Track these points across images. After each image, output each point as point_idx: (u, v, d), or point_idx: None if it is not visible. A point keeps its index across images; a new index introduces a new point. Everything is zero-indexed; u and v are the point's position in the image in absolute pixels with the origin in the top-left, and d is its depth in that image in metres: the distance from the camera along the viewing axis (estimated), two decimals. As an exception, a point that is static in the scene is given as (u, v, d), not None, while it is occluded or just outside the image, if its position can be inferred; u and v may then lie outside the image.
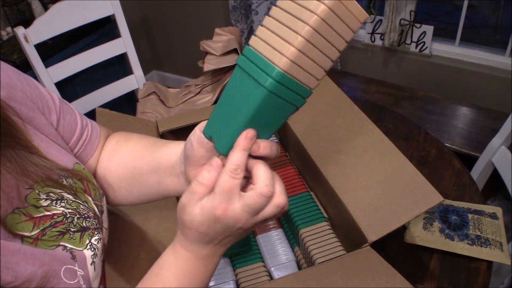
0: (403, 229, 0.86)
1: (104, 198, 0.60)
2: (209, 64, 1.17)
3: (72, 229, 0.50)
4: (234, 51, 1.19)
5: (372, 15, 1.85)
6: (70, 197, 0.52)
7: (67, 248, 0.49)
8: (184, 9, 2.33)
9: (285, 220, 0.83)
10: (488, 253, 0.80)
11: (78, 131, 0.61)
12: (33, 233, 0.46)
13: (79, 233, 0.51)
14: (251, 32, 2.10)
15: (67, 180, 0.53)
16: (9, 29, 1.62)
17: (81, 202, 0.53)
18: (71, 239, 0.50)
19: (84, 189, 0.55)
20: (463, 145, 1.52)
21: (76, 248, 0.50)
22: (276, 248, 0.79)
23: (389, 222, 0.69)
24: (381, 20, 1.84)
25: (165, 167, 0.58)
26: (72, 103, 1.49)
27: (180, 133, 1.00)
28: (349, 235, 0.74)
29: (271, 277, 0.74)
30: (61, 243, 0.48)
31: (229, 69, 1.17)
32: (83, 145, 0.62)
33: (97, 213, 0.56)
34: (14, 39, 1.48)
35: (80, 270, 0.49)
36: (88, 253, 0.51)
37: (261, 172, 0.44)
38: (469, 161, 1.27)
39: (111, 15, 1.49)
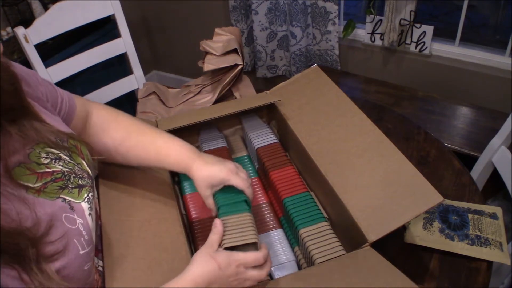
0: (403, 229, 0.86)
1: (93, 168, 0.68)
2: (209, 64, 1.17)
3: (70, 186, 0.58)
4: (234, 51, 1.19)
5: (372, 15, 1.85)
6: (67, 158, 0.60)
7: (66, 200, 0.56)
8: (184, 9, 2.33)
9: (285, 220, 0.83)
10: (488, 253, 0.80)
11: (60, 99, 0.70)
12: (36, 185, 0.53)
13: (77, 189, 0.59)
14: (251, 32, 2.10)
15: (63, 144, 0.61)
16: (9, 29, 1.62)
17: (76, 164, 0.61)
18: (70, 193, 0.57)
19: (78, 153, 0.63)
20: (463, 145, 1.52)
21: (75, 200, 0.58)
22: (276, 248, 0.79)
23: (389, 222, 0.69)
24: (381, 20, 1.84)
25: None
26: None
27: (180, 133, 1.00)
28: (349, 235, 0.74)
29: (271, 277, 0.75)
30: (61, 196, 0.56)
31: (229, 69, 1.17)
32: (66, 110, 0.71)
33: (91, 175, 0.64)
34: (14, 39, 1.48)
35: (79, 218, 0.57)
36: (85, 205, 0.59)
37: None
38: (469, 161, 1.27)
39: (111, 15, 1.49)
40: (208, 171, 0.72)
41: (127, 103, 1.86)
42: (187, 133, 1.01)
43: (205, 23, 2.32)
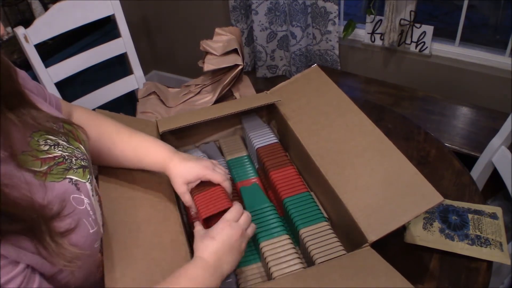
0: (403, 229, 0.86)
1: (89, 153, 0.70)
2: (209, 64, 1.17)
3: (74, 167, 0.60)
4: (234, 51, 1.19)
5: (372, 15, 1.84)
6: (64, 143, 0.62)
7: (73, 180, 0.58)
8: (184, 9, 2.33)
9: (285, 220, 0.83)
10: (488, 253, 0.80)
11: (47, 95, 0.72)
12: (42, 168, 0.55)
13: (81, 169, 0.61)
14: (251, 32, 2.10)
15: (60, 129, 0.63)
16: (9, 29, 1.62)
17: (74, 148, 0.63)
18: (75, 173, 0.59)
19: (75, 138, 0.65)
20: (463, 145, 1.52)
21: (81, 180, 0.60)
22: (276, 248, 0.79)
23: (389, 222, 0.69)
24: (381, 20, 1.84)
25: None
26: (72, 103, 1.48)
27: (180, 133, 1.00)
28: (349, 235, 0.74)
29: (271, 276, 0.74)
30: (67, 176, 0.58)
31: (229, 69, 1.17)
32: (53, 106, 0.72)
33: (89, 158, 0.66)
34: (14, 39, 1.47)
35: (86, 198, 0.59)
36: (89, 186, 0.61)
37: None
38: (469, 161, 1.27)
39: (111, 15, 1.49)
40: (184, 167, 0.73)
41: (127, 103, 1.86)
42: (187, 133, 1.01)
43: (205, 23, 2.32)
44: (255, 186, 0.88)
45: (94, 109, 0.95)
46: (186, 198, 0.74)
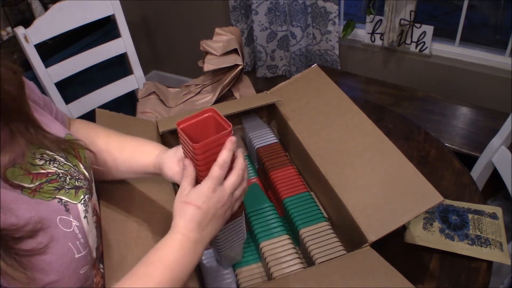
0: (403, 229, 0.86)
1: (91, 170, 0.67)
2: (209, 64, 1.17)
3: (66, 186, 0.57)
4: (234, 51, 1.19)
5: (372, 15, 1.84)
6: (62, 159, 0.59)
7: (63, 200, 0.56)
8: (184, 9, 2.33)
9: (285, 220, 0.83)
10: (488, 253, 0.80)
11: (54, 108, 0.71)
12: (31, 185, 0.53)
13: (74, 190, 0.58)
14: (251, 32, 2.10)
15: (60, 145, 0.60)
16: (9, 29, 1.62)
17: (72, 166, 0.60)
18: (67, 193, 0.57)
19: (75, 155, 0.62)
20: (463, 145, 1.52)
21: (71, 201, 0.57)
22: (276, 248, 0.79)
23: (389, 222, 0.69)
24: (381, 20, 1.84)
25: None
26: (72, 103, 1.49)
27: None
28: (349, 235, 0.74)
29: (270, 276, 0.74)
30: (57, 196, 0.55)
31: (229, 69, 1.17)
32: (59, 119, 0.70)
33: (88, 177, 0.63)
34: (14, 39, 1.47)
35: (75, 221, 0.56)
36: (81, 207, 0.58)
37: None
38: (469, 161, 1.27)
39: (111, 15, 1.49)
40: (174, 149, 0.66)
41: (127, 103, 1.86)
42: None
43: (205, 23, 2.32)
44: (255, 186, 0.88)
45: (94, 109, 0.95)
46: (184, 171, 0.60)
